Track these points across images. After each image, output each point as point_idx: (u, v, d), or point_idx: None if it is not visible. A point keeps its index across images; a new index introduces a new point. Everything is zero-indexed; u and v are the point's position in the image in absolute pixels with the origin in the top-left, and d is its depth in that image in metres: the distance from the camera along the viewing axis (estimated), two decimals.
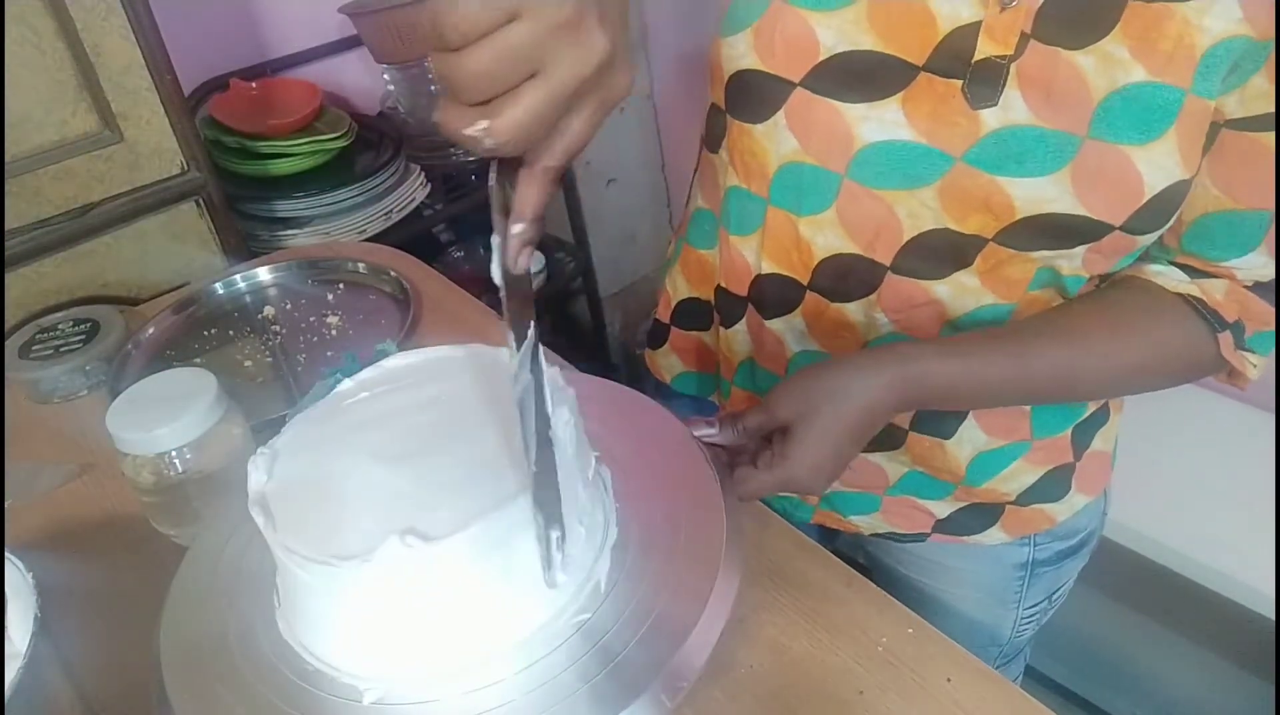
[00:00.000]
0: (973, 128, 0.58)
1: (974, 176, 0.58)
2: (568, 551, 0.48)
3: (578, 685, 0.45)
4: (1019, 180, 0.57)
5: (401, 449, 0.51)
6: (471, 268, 1.90)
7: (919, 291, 0.64)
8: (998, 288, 0.63)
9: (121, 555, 0.70)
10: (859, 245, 0.64)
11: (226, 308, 1.02)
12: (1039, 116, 0.56)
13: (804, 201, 0.65)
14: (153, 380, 0.68)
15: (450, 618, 0.47)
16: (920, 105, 0.59)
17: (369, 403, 0.56)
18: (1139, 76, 0.54)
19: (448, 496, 0.47)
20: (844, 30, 0.59)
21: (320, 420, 0.55)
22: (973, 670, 0.55)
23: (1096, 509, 0.79)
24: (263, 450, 0.52)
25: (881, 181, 0.61)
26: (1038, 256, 0.61)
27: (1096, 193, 0.56)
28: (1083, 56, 0.55)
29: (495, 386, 0.55)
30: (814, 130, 0.62)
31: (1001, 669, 0.87)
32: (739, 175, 0.68)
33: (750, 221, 0.69)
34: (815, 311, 0.69)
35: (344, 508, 0.48)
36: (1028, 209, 0.58)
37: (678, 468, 0.57)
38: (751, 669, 0.55)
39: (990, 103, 0.57)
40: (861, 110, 0.60)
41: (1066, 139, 0.56)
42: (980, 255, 0.61)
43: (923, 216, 0.61)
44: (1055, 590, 0.83)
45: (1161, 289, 0.62)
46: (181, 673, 0.49)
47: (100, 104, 1.00)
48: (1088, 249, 0.59)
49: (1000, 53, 0.56)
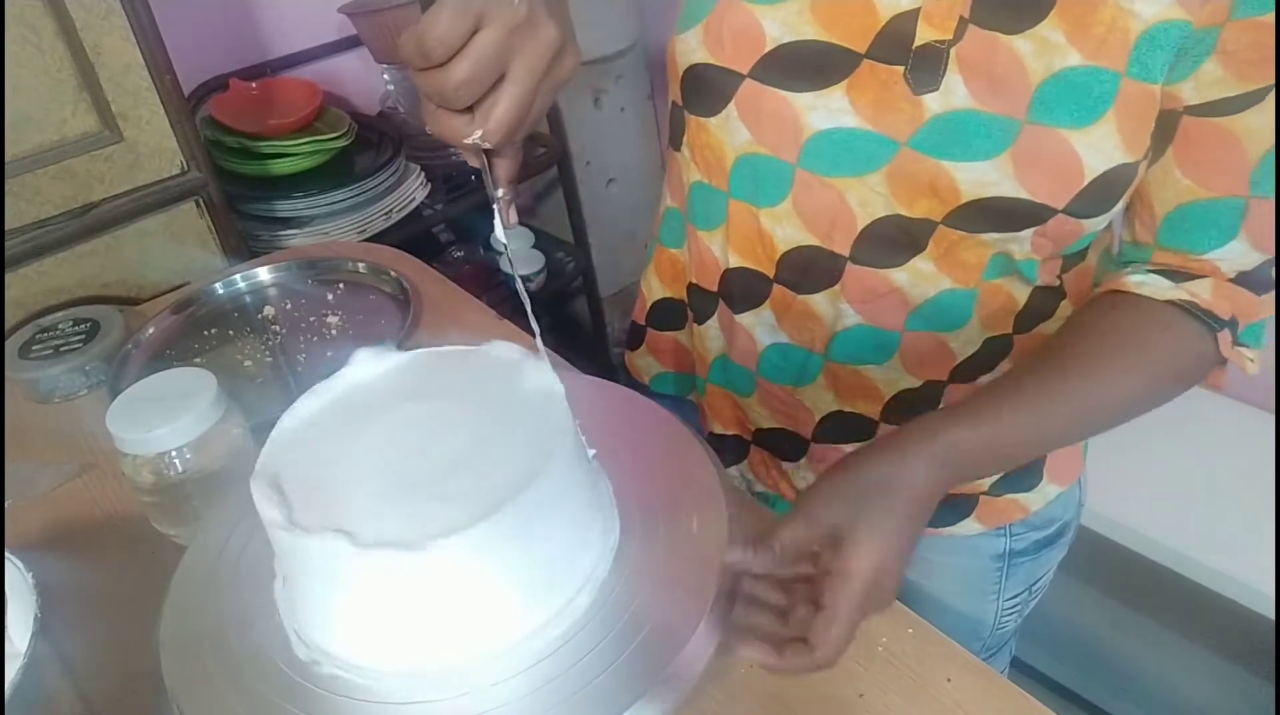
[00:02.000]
0: (916, 113, 0.59)
1: (919, 161, 0.59)
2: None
3: (579, 686, 0.45)
4: (963, 164, 0.58)
5: (407, 437, 0.51)
6: (471, 268, 1.90)
7: (879, 280, 0.65)
8: (954, 272, 0.64)
9: (121, 555, 0.70)
10: (817, 236, 0.65)
11: (226, 308, 1.02)
12: (980, 101, 0.57)
13: (761, 193, 0.66)
14: (153, 380, 0.68)
15: (449, 618, 0.47)
16: (864, 92, 0.60)
17: (375, 392, 0.56)
18: (1074, 60, 0.55)
19: (453, 492, 0.47)
20: (788, 21, 0.61)
21: (325, 408, 0.55)
22: (973, 670, 0.55)
23: (1072, 498, 0.80)
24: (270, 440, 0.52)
25: (832, 169, 0.62)
26: (986, 239, 0.61)
27: (1037, 176, 0.57)
28: (1020, 41, 0.56)
29: (500, 383, 0.55)
30: (764, 120, 0.64)
31: (988, 661, 0.87)
32: (700, 170, 0.70)
33: (715, 216, 0.71)
34: (783, 304, 0.70)
35: (348, 494, 0.48)
36: (972, 192, 0.59)
37: (678, 468, 0.57)
38: (751, 669, 0.55)
39: (932, 88, 0.58)
40: (808, 99, 0.61)
41: (1007, 123, 0.57)
42: (931, 239, 0.62)
43: (873, 203, 0.62)
44: (1035, 581, 0.83)
45: (1151, 301, 0.61)
46: (181, 672, 0.49)
47: (100, 104, 1.00)
48: (1034, 233, 0.60)
49: (939, 38, 0.57)
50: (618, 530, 0.53)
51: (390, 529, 0.45)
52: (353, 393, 0.56)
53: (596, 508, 0.52)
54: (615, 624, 0.48)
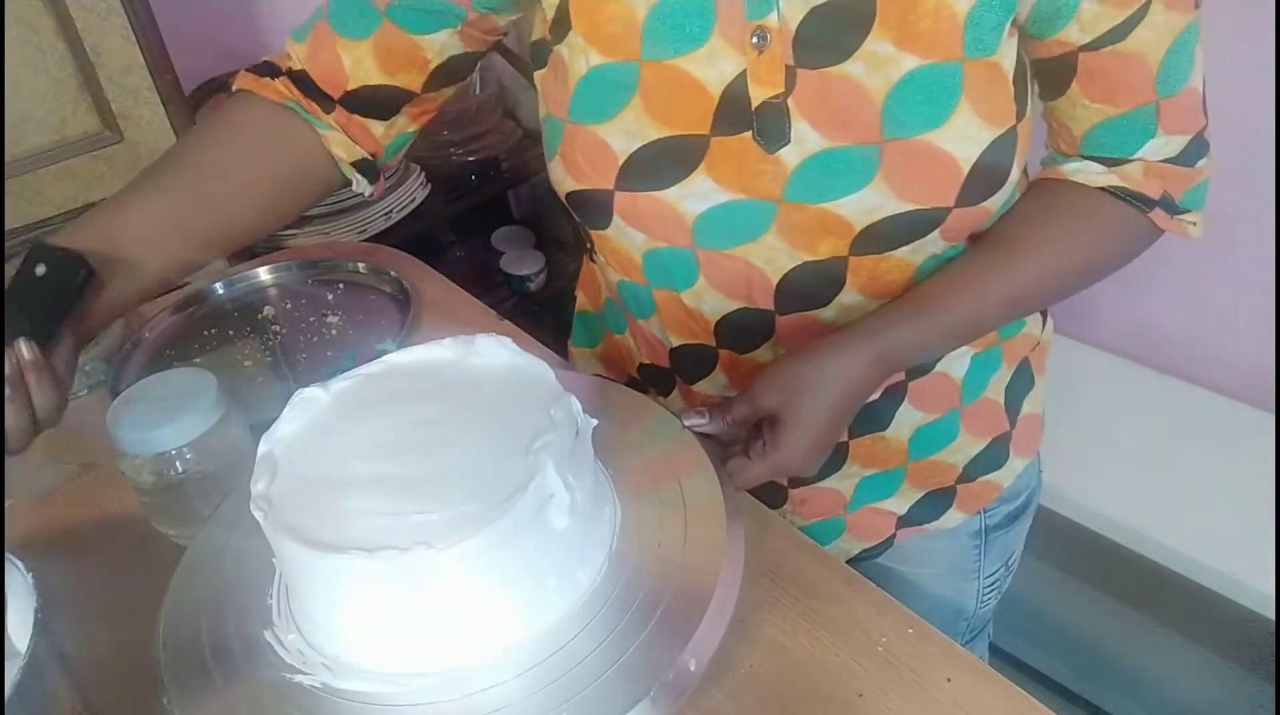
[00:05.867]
0: (779, 170, 0.59)
1: (801, 210, 0.60)
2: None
3: (580, 688, 0.45)
4: (841, 201, 0.59)
5: (408, 440, 0.51)
6: (471, 268, 1.90)
7: (811, 322, 0.67)
8: (884, 293, 0.65)
9: (121, 555, 0.70)
10: (740, 299, 0.67)
11: (226, 308, 1.02)
12: (833, 138, 0.58)
13: (675, 278, 0.67)
14: (153, 380, 0.68)
15: (451, 621, 0.47)
16: (724, 168, 0.60)
17: (374, 393, 0.56)
18: (910, 65, 0.55)
19: (454, 492, 0.47)
20: (629, 130, 0.61)
21: (325, 408, 0.55)
22: (973, 670, 0.55)
23: (1034, 469, 0.83)
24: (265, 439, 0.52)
25: (726, 242, 0.63)
26: (899, 254, 0.62)
27: (916, 186, 0.58)
28: (852, 65, 0.56)
29: (500, 381, 0.55)
30: (648, 221, 0.64)
31: (969, 645, 0.91)
32: (617, 271, 0.72)
33: (645, 306, 0.72)
34: (731, 365, 0.72)
35: (348, 499, 0.48)
36: (863, 221, 0.60)
37: (678, 467, 0.57)
38: (751, 669, 0.55)
39: (783, 142, 0.58)
40: (676, 192, 0.62)
41: (866, 150, 0.57)
42: (849, 272, 0.63)
43: (778, 259, 0.63)
44: (1010, 555, 0.87)
45: (1084, 186, 0.63)
46: (181, 672, 0.49)
47: (100, 104, 1.00)
48: (940, 232, 0.61)
49: (773, 93, 0.58)
50: (618, 531, 0.53)
51: (390, 534, 0.45)
52: (348, 394, 0.56)
53: (599, 508, 0.52)
54: (616, 625, 0.48)
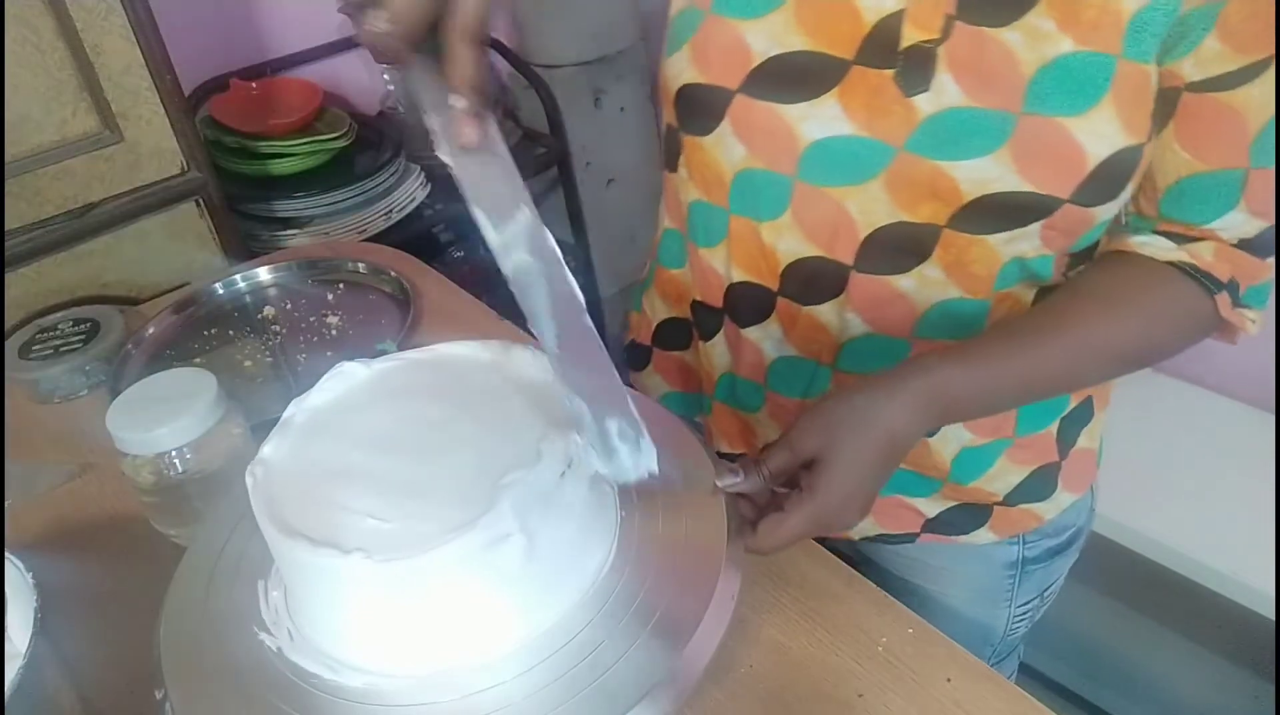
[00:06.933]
0: (909, 115, 0.58)
1: (917, 164, 0.59)
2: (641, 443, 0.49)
3: (580, 688, 0.45)
4: (961, 163, 0.58)
5: (405, 439, 0.51)
6: (471, 268, 1.90)
7: (885, 288, 0.65)
8: (963, 281, 0.63)
9: (121, 555, 0.70)
10: (820, 246, 0.65)
11: (226, 308, 1.02)
12: (972, 97, 0.57)
13: (762, 207, 0.66)
14: (153, 380, 0.68)
15: (449, 620, 0.47)
16: (856, 98, 0.60)
17: (402, 382, 0.56)
18: (1067, 48, 0.55)
19: (452, 491, 0.47)
20: (773, 34, 0.61)
21: (359, 386, 0.55)
22: (973, 670, 0.55)
23: (1084, 505, 0.79)
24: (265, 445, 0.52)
25: (830, 179, 0.62)
26: (994, 240, 0.61)
27: (1039, 168, 0.57)
28: (1009, 33, 0.55)
29: (500, 381, 0.55)
30: (758, 135, 0.63)
31: (996, 667, 0.87)
32: (699, 189, 0.70)
33: (716, 233, 0.70)
34: (789, 316, 0.69)
35: (345, 498, 0.48)
36: (974, 191, 0.58)
37: (678, 468, 0.57)
38: (752, 669, 0.55)
39: (923, 89, 0.58)
40: (800, 109, 0.61)
41: (1002, 117, 0.56)
42: (939, 244, 0.62)
43: (875, 211, 0.62)
44: (1047, 587, 0.83)
45: (1152, 260, 0.62)
46: (181, 672, 0.49)
47: (100, 104, 1.00)
48: (1043, 226, 0.60)
49: (927, 38, 0.57)
50: (619, 531, 0.53)
51: (390, 535, 0.45)
52: (386, 377, 0.56)
53: (600, 508, 0.52)
54: (616, 625, 0.48)
